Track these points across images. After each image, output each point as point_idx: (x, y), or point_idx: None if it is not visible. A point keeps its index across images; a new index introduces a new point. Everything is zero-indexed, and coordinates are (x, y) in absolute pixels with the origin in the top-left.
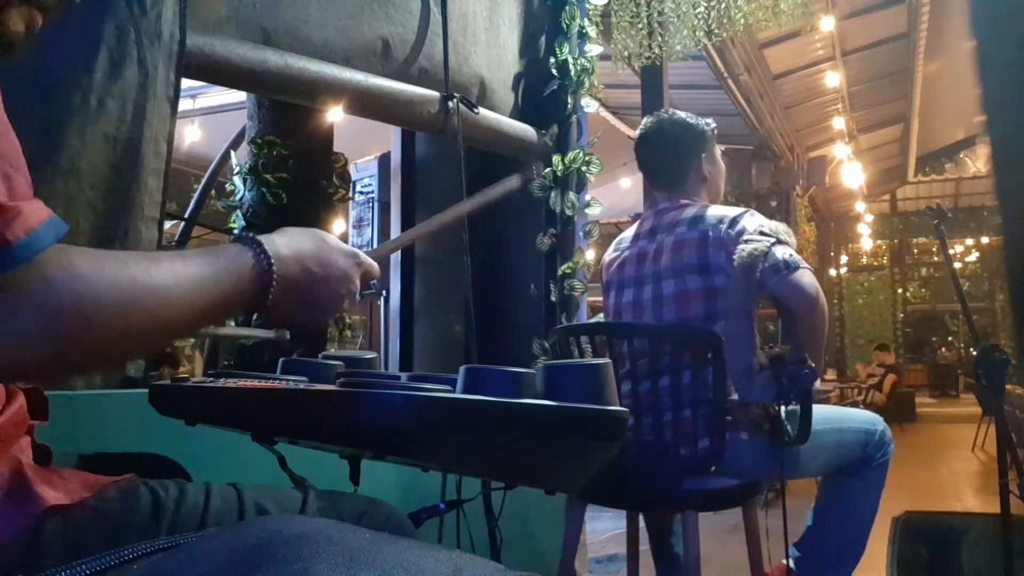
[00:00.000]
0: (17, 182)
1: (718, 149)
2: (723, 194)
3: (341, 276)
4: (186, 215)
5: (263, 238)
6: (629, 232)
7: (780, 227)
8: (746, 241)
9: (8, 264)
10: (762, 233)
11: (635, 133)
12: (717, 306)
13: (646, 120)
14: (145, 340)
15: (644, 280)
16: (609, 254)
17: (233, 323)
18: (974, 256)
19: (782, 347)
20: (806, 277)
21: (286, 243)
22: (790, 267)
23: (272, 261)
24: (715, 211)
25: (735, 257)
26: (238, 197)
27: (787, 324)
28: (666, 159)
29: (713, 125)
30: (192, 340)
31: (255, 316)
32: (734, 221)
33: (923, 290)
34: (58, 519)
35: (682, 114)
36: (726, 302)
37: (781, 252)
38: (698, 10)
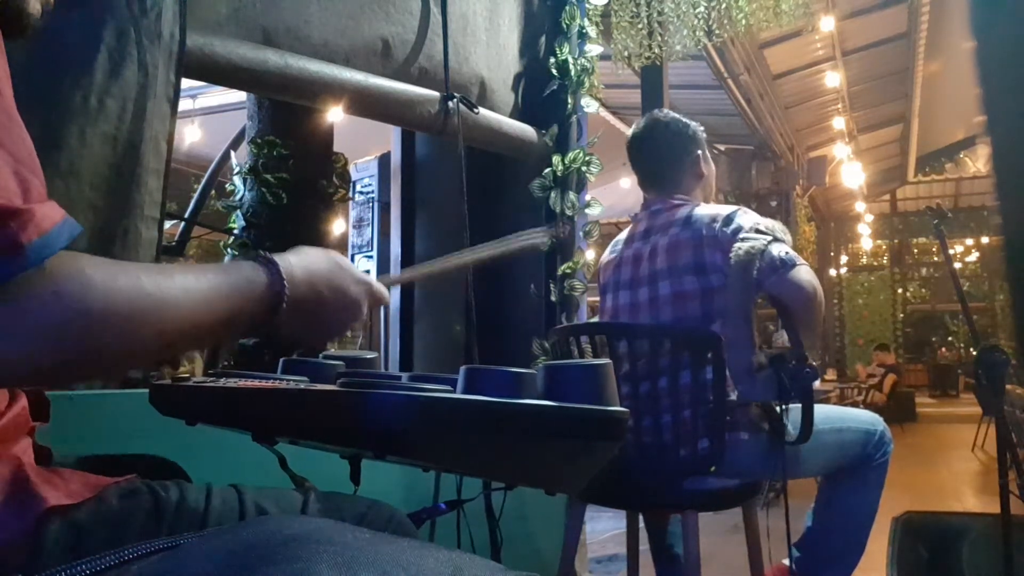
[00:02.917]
0: (32, 184)
1: (707, 151)
2: (716, 194)
3: (350, 303)
4: (186, 215)
5: (278, 258)
6: (624, 234)
7: (776, 225)
8: (743, 240)
9: (20, 267)
10: (758, 231)
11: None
12: (713, 306)
13: (639, 122)
14: (151, 352)
15: (640, 282)
16: (605, 256)
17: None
18: (974, 256)
19: (781, 346)
20: (803, 274)
21: (300, 264)
22: (787, 265)
23: (285, 283)
24: (707, 210)
25: (732, 256)
26: (238, 197)
27: (785, 321)
28: (663, 158)
29: (703, 128)
30: None
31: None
32: (728, 219)
33: (923, 290)
34: (59, 519)
35: (674, 114)
36: (723, 301)
37: (777, 250)
38: (698, 10)
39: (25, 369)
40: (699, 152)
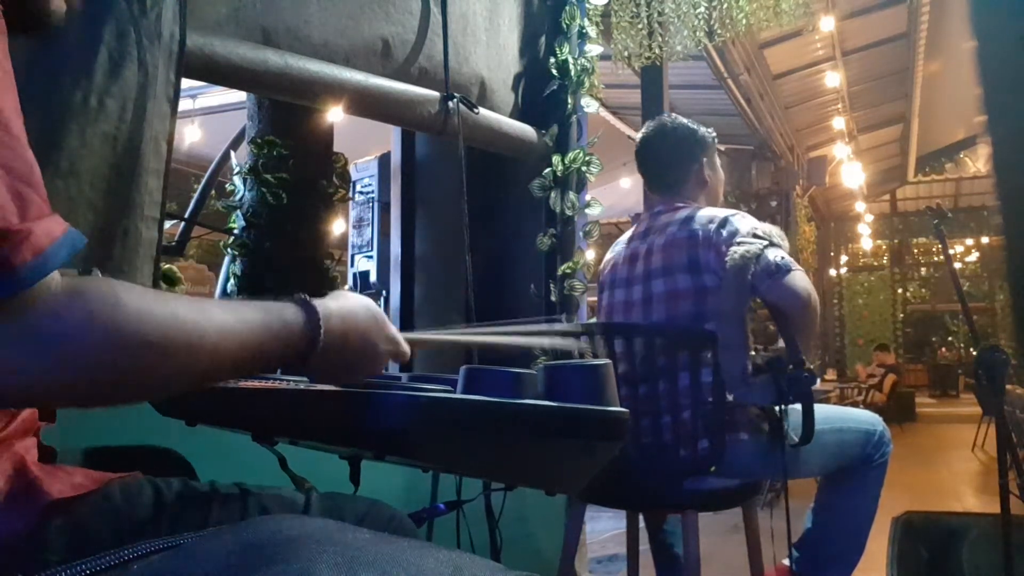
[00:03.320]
0: (30, 200)
1: (717, 158)
2: (722, 198)
3: (376, 359)
4: (186, 215)
5: (318, 303)
6: (627, 234)
7: (773, 229)
8: (739, 243)
9: (11, 288)
10: (755, 235)
11: (635, 133)
12: (706, 305)
13: (648, 124)
14: (177, 384)
15: (635, 280)
16: (608, 255)
17: None
18: (974, 256)
19: (777, 348)
20: (798, 280)
21: (339, 313)
22: (782, 270)
23: (322, 331)
24: (706, 212)
25: (727, 260)
26: (238, 197)
27: (780, 326)
28: (667, 162)
29: (714, 134)
30: None
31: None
32: (724, 222)
33: (923, 290)
34: (62, 513)
35: (684, 120)
36: (716, 302)
37: (773, 255)
38: (698, 10)
39: (42, 388)
40: (704, 159)
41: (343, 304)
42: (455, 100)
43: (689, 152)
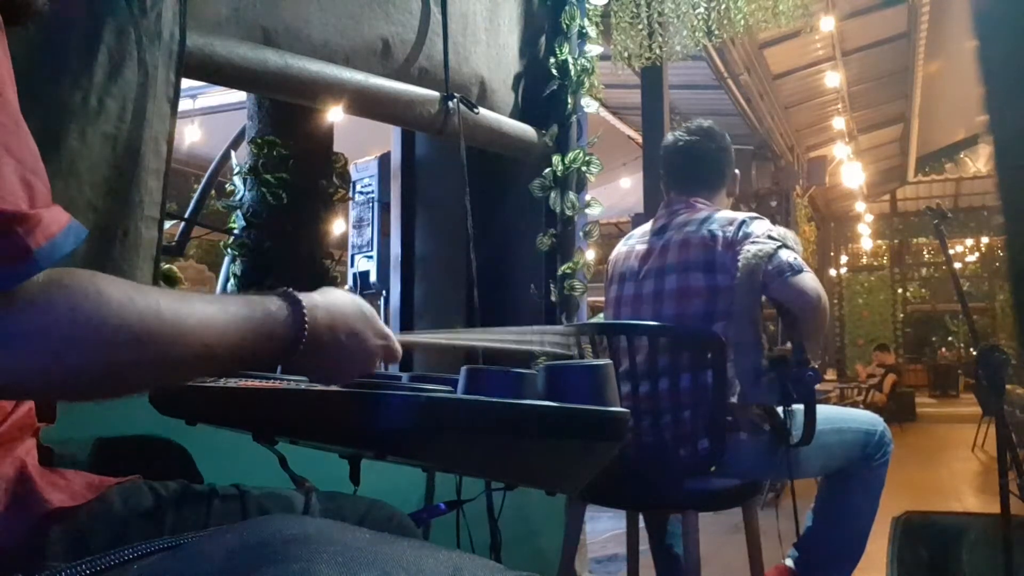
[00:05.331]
0: (37, 188)
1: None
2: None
3: (367, 356)
4: (186, 215)
5: (304, 297)
6: (640, 229)
7: (788, 234)
8: (753, 243)
9: (28, 272)
10: (770, 237)
11: (635, 133)
12: (717, 305)
13: (688, 125)
14: (159, 376)
15: (647, 275)
16: (618, 248)
17: None
18: (974, 256)
19: (782, 348)
20: (808, 280)
21: (325, 307)
22: (794, 269)
23: (306, 326)
24: (725, 214)
25: (740, 258)
26: (238, 197)
27: (788, 325)
28: (711, 163)
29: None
30: None
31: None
32: (743, 224)
33: (923, 290)
34: (62, 521)
35: (719, 131)
36: (727, 302)
37: (786, 255)
38: (698, 10)
39: (32, 378)
40: (736, 171)
41: (330, 298)
42: (455, 100)
43: (731, 159)
